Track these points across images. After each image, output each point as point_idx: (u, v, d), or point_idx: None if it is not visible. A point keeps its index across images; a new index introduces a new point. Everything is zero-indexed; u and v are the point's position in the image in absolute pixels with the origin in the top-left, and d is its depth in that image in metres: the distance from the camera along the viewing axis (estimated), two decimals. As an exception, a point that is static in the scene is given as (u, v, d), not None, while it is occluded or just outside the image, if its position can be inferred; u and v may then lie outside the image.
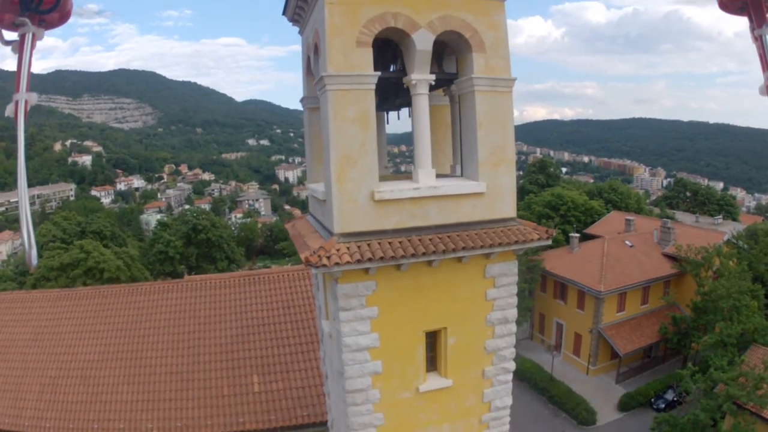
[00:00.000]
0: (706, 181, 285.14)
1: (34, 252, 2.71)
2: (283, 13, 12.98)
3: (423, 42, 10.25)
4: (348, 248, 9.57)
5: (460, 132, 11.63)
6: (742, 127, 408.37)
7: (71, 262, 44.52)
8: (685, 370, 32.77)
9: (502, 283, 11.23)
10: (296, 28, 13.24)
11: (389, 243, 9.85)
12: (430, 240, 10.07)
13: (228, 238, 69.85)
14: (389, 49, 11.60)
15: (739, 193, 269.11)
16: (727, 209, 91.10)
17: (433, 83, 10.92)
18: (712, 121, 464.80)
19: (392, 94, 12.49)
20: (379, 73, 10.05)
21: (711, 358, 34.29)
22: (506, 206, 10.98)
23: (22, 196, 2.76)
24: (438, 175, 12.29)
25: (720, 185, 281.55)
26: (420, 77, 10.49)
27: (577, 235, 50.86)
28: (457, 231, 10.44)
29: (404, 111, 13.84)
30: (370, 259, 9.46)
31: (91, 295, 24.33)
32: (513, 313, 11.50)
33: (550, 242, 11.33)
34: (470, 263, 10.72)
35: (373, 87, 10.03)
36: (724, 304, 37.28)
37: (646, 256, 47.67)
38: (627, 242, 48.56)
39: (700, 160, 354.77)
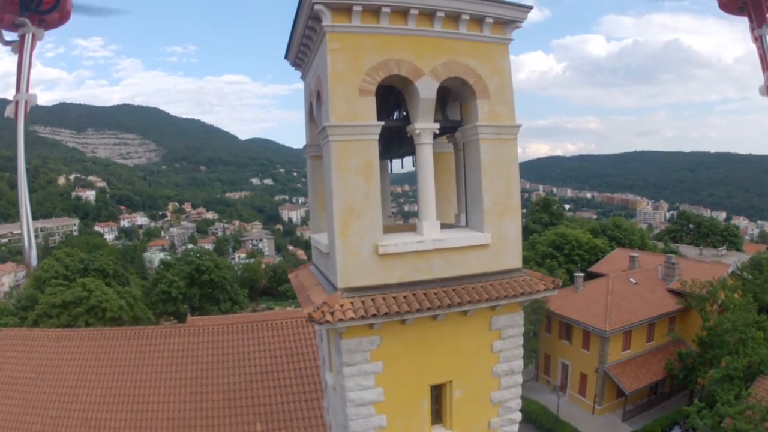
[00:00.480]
0: (709, 211, 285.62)
1: (33, 252, 2.79)
2: (285, 57, 13.05)
3: (427, 90, 10.27)
4: (352, 304, 9.46)
5: (465, 180, 11.56)
6: (743, 155, 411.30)
7: (73, 300, 44.29)
8: (691, 406, 32.49)
9: (508, 335, 11.12)
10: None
11: (394, 298, 9.74)
12: (435, 294, 9.97)
13: (231, 279, 69.56)
14: (392, 93, 11.65)
15: (741, 222, 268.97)
16: (731, 240, 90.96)
17: (438, 132, 10.85)
18: (713, 150, 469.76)
19: (396, 142, 12.52)
20: (382, 123, 10.02)
21: (717, 392, 34.02)
22: (512, 256, 10.94)
23: (23, 197, 2.79)
24: (442, 225, 12.22)
25: (723, 215, 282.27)
26: (424, 126, 10.47)
27: (582, 274, 50.52)
28: (462, 284, 10.33)
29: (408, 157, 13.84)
30: (374, 315, 9.33)
31: (93, 337, 24.17)
32: (519, 364, 11.38)
33: (556, 292, 11.22)
34: (475, 315, 10.59)
35: (377, 137, 9.99)
36: (729, 338, 36.92)
37: (651, 292, 47.32)
38: (631, 279, 48.27)
39: (701, 190, 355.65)
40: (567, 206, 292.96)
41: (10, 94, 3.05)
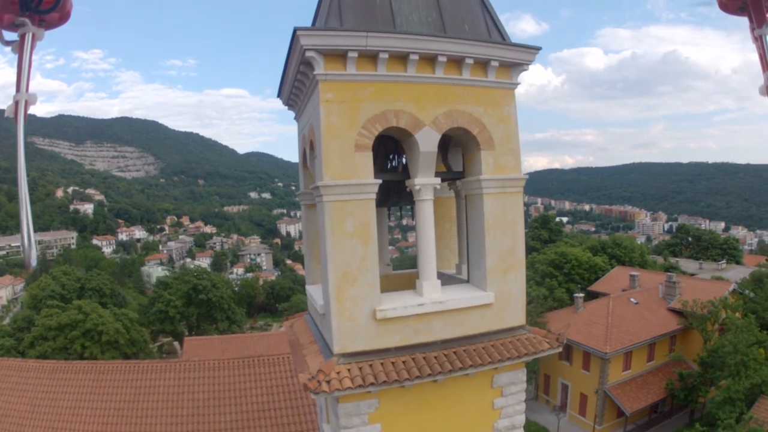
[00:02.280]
0: (708, 222, 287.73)
1: (33, 253, 2.69)
2: (278, 96, 12.41)
3: (427, 143, 9.69)
4: (349, 371, 9.02)
5: (467, 232, 11.12)
6: (741, 165, 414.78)
7: (69, 323, 43.96)
8: (692, 429, 32.28)
9: (510, 392, 10.73)
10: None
11: (392, 363, 9.29)
12: (436, 358, 9.52)
13: (228, 298, 69.27)
14: (390, 138, 11.05)
15: (740, 232, 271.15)
16: (731, 253, 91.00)
17: (438, 186, 10.41)
18: (711, 160, 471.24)
19: (395, 192, 11.97)
20: (379, 181, 9.45)
21: (719, 414, 33.90)
22: (515, 314, 10.56)
23: (23, 197, 2.73)
24: (443, 275, 11.94)
25: (721, 225, 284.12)
26: (424, 182, 9.97)
27: (582, 295, 50.27)
28: (464, 344, 9.90)
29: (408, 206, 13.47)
30: (372, 384, 8.91)
31: (89, 370, 23.90)
32: (521, 419, 11.03)
33: (560, 349, 10.92)
34: (477, 374, 10.13)
35: (374, 196, 9.42)
36: (731, 361, 36.69)
37: (652, 312, 47.15)
38: (632, 299, 48.07)
39: (700, 201, 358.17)
40: (565, 219, 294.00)
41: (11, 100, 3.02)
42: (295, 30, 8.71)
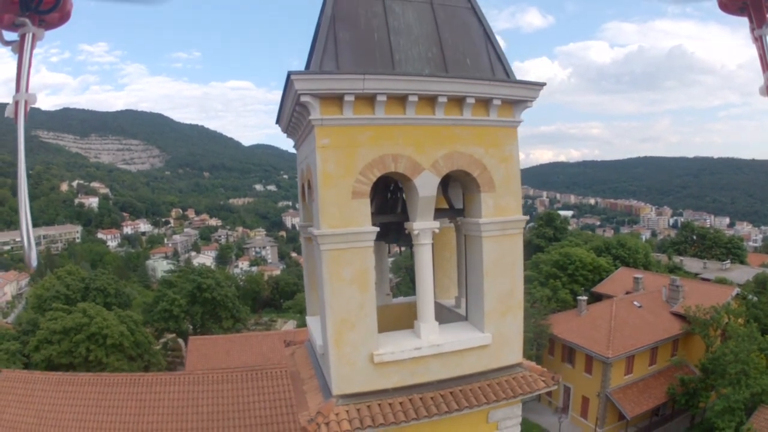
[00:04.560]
0: (713, 217, 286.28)
1: (33, 253, 2.75)
2: (277, 123, 12.09)
3: (426, 187, 9.50)
4: (347, 412, 9.11)
5: (466, 270, 11.02)
6: (746, 160, 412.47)
7: (74, 327, 44.01)
8: None
9: (506, 426, 10.70)
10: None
11: (390, 404, 9.39)
12: (432, 398, 9.58)
13: (233, 297, 69.27)
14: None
15: (745, 228, 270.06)
16: (735, 252, 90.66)
17: (437, 231, 10.33)
18: (716, 155, 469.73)
19: (394, 230, 11.71)
20: (377, 229, 9.35)
21: (717, 423, 33.96)
22: (512, 353, 10.51)
23: (22, 197, 2.79)
24: (441, 307, 12.03)
25: (726, 220, 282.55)
26: (423, 227, 9.83)
27: (585, 298, 50.36)
28: (460, 385, 9.93)
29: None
30: (369, 426, 9.01)
31: (94, 382, 24.06)
32: (516, 450, 11.13)
33: (555, 387, 10.97)
34: (473, 411, 10.32)
35: (372, 243, 9.34)
36: (731, 369, 36.61)
37: (655, 316, 47.14)
38: (635, 303, 48.08)
39: (705, 196, 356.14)
40: (570, 213, 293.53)
41: (11, 98, 3.05)
42: (289, 74, 8.56)
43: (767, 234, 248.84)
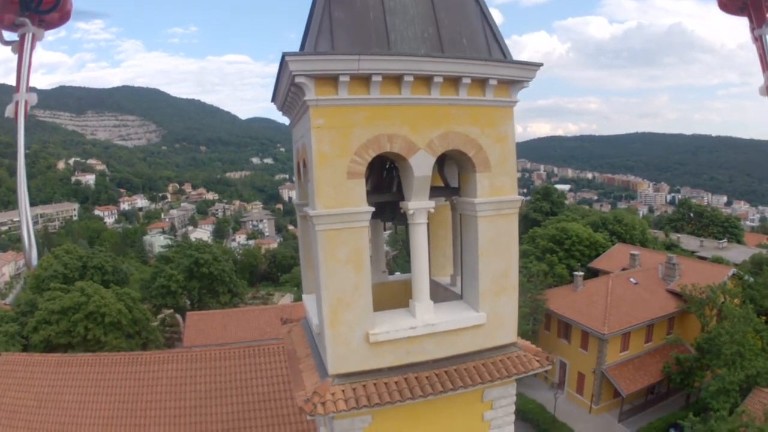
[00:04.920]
0: (710, 195, 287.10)
1: (34, 252, 2.76)
2: (272, 101, 11.85)
3: (422, 167, 9.41)
4: (343, 392, 9.18)
5: (461, 249, 10.99)
6: (745, 139, 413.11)
7: (72, 306, 44.22)
8: (685, 420, 32.44)
9: (500, 405, 10.77)
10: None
11: (385, 384, 9.45)
12: (427, 378, 9.65)
13: (230, 271, 69.38)
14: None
15: (742, 207, 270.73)
16: (732, 231, 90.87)
17: (433, 211, 10.29)
18: (714, 134, 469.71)
19: (389, 208, 11.73)
20: (372, 209, 9.28)
21: (712, 404, 34.08)
22: (507, 333, 10.50)
23: (22, 197, 2.81)
24: (437, 284, 12.05)
25: (723, 199, 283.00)
26: (418, 206, 9.79)
27: (581, 273, 50.48)
28: (455, 364, 9.99)
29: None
30: (365, 405, 9.10)
31: (92, 363, 24.12)
32: (510, 429, 11.15)
33: (550, 367, 11.01)
34: (468, 391, 10.37)
35: (367, 223, 9.30)
36: (726, 350, 36.72)
37: (651, 293, 47.29)
38: (631, 279, 48.20)
39: (703, 173, 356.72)
40: (567, 187, 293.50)
41: (10, 80, 3.30)
42: (283, 55, 8.43)
43: (764, 213, 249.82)
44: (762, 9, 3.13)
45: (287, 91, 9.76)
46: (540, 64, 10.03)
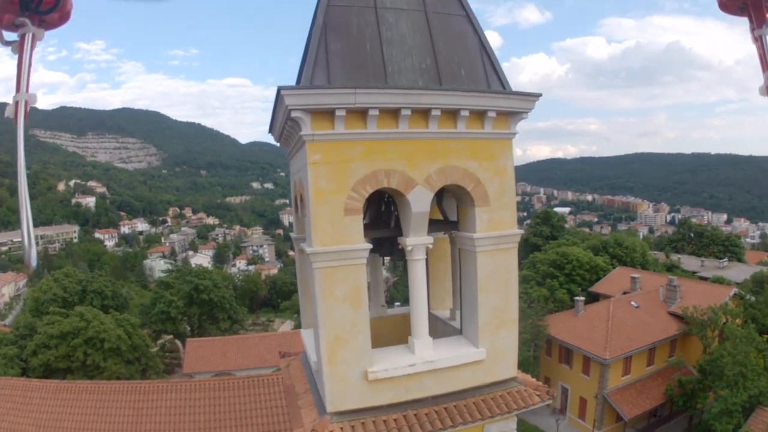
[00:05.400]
0: (710, 213, 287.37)
1: (33, 253, 2.72)
2: (269, 132, 11.79)
3: (420, 203, 9.23)
4: (341, 429, 9.00)
5: (460, 283, 10.80)
6: (744, 156, 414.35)
7: (71, 331, 43.96)
8: None
9: None
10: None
11: (384, 421, 9.29)
12: (426, 415, 9.48)
13: (230, 298, 69.33)
14: None
15: (743, 224, 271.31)
16: (732, 250, 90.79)
17: (431, 246, 10.05)
18: (713, 151, 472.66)
19: (388, 242, 11.50)
20: (370, 246, 9.17)
21: (715, 426, 33.92)
22: (507, 368, 10.34)
23: (23, 198, 2.77)
24: (436, 318, 11.94)
25: (724, 217, 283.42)
26: (416, 242, 9.61)
27: (582, 298, 50.30)
28: (455, 400, 9.82)
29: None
30: (364, 444, 8.98)
31: (92, 390, 24.02)
32: (511, 463, 11.02)
33: (551, 401, 10.88)
34: (468, 427, 10.21)
35: (365, 260, 9.13)
36: (729, 372, 36.52)
37: (652, 316, 47.12)
38: (632, 303, 48.03)
39: (702, 192, 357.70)
40: (567, 209, 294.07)
41: (10, 98, 3.04)
42: (279, 89, 8.34)
43: (765, 230, 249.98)
44: (762, 9, 3.13)
45: (284, 125, 9.62)
46: (539, 95, 9.89)
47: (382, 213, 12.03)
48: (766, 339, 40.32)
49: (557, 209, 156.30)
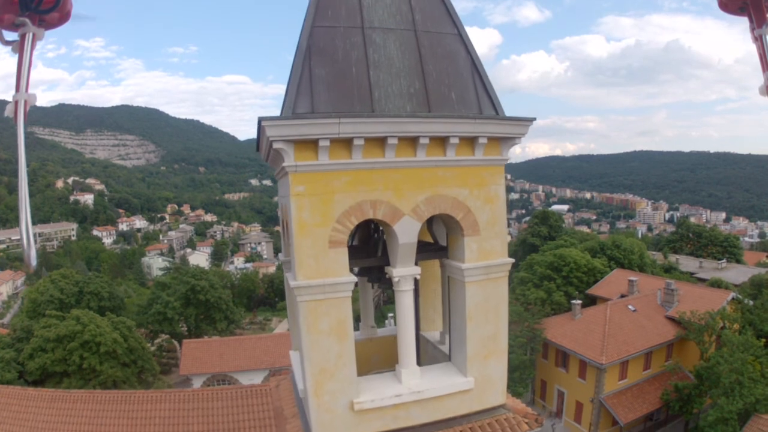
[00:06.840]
0: (708, 212, 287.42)
1: (33, 252, 2.74)
2: (257, 150, 11.49)
3: (406, 234, 9.01)
4: None
5: (449, 312, 10.68)
6: (743, 155, 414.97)
7: (67, 334, 43.87)
8: None
9: None
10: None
11: None
12: None
13: (227, 299, 69.36)
14: None
15: (741, 223, 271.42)
16: (731, 251, 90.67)
17: (419, 277, 9.87)
18: (712, 150, 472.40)
19: (376, 269, 11.18)
20: (355, 279, 8.93)
21: (710, 433, 34.00)
22: (495, 395, 10.22)
23: (23, 196, 2.80)
24: (426, 341, 11.88)
25: (722, 215, 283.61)
26: (403, 273, 9.41)
27: (579, 302, 50.20)
28: (442, 429, 9.73)
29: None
30: (351, 475, 8.93)
31: (86, 399, 23.85)
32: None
33: (540, 428, 10.80)
34: (457, 453, 10.17)
35: (350, 293, 8.91)
36: (725, 379, 36.43)
37: (649, 320, 47.01)
38: (630, 306, 47.95)
39: (701, 190, 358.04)
40: (566, 207, 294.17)
41: (10, 96, 3.08)
42: (260, 120, 8.07)
43: (763, 229, 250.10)
44: (762, 9, 3.14)
45: (268, 152, 9.39)
46: (532, 119, 9.66)
47: (370, 239, 11.81)
48: (763, 343, 40.19)
49: (556, 207, 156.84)
